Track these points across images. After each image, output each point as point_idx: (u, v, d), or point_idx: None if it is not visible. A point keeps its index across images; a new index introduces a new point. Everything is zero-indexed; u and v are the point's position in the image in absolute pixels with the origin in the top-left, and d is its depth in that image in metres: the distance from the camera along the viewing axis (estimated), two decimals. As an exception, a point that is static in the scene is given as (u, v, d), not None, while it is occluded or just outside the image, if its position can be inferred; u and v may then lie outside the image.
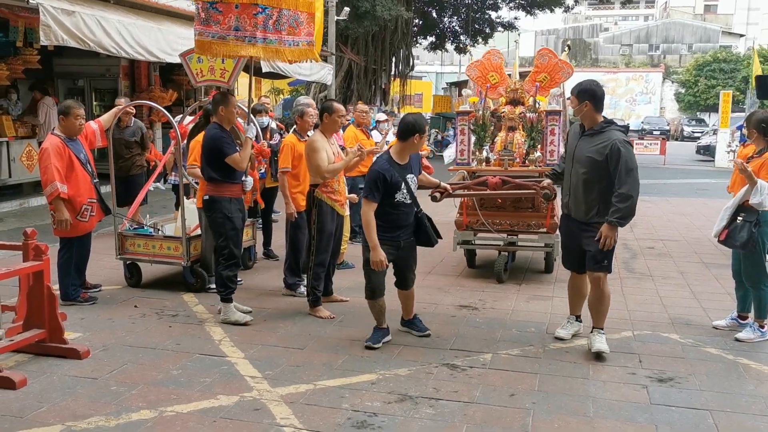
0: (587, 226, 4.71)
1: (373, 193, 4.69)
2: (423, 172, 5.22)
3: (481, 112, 6.89)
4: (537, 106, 6.87)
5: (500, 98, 7.25)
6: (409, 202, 4.84)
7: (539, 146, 6.71)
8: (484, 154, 6.93)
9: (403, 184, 4.76)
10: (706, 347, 5.01)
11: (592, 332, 4.87)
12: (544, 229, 6.79)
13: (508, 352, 4.84)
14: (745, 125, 5.50)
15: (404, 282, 5.11)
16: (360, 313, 5.61)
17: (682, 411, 3.90)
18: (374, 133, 10.66)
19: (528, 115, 6.78)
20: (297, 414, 3.80)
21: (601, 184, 4.59)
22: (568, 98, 4.79)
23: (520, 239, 7.14)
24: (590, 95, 4.64)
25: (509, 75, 7.60)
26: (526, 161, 6.75)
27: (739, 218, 5.10)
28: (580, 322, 5.18)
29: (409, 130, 4.79)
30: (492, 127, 7.08)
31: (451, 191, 5.45)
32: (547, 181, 5.31)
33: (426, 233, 4.99)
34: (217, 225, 5.46)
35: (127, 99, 8.63)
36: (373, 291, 4.92)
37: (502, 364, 4.61)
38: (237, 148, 5.41)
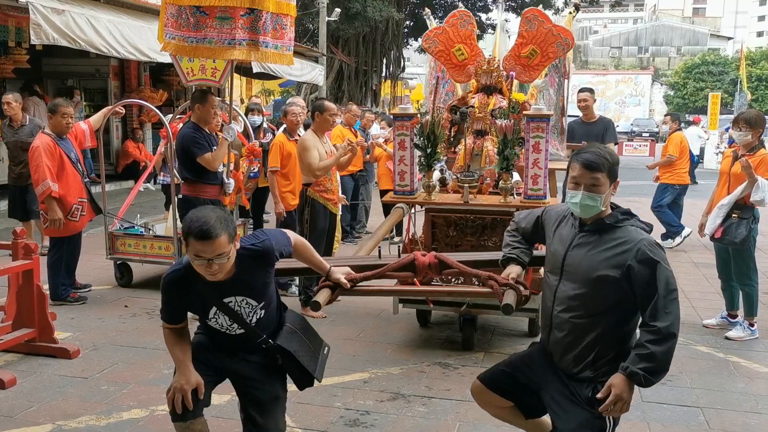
0: (576, 381, 2.73)
1: (163, 309, 2.85)
2: (299, 249, 3.02)
3: (429, 117, 4.64)
4: (513, 105, 4.81)
5: (470, 82, 5.18)
6: (237, 333, 2.83)
7: (517, 161, 4.59)
8: (437, 174, 4.79)
9: (215, 308, 2.76)
10: (697, 345, 5.04)
11: None
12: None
13: (501, 350, 4.84)
14: (743, 126, 5.09)
15: None
16: (352, 313, 5.61)
17: (673, 408, 3.92)
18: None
19: (500, 122, 4.54)
20: (289, 413, 3.76)
21: (609, 316, 2.67)
22: (593, 179, 2.67)
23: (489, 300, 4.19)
24: (617, 168, 2.73)
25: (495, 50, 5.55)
26: (498, 188, 4.64)
27: (733, 215, 5.11)
28: None
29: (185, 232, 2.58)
30: (453, 128, 5.05)
31: (347, 286, 3.07)
32: (513, 272, 2.97)
33: (290, 371, 2.96)
34: None
35: (17, 95, 7.92)
36: (174, 414, 2.75)
37: (495, 362, 4.56)
38: (213, 147, 5.38)
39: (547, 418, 2.89)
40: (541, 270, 3.32)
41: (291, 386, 4.05)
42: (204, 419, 2.82)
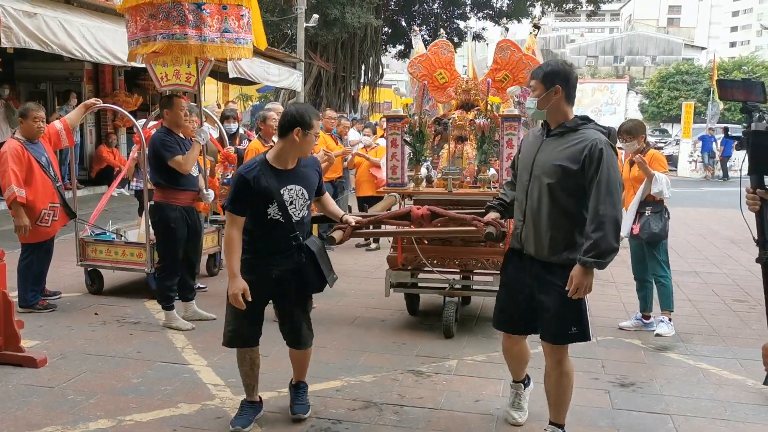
0: (549, 269, 3.25)
1: (234, 203, 3.44)
2: (324, 197, 3.93)
3: (416, 117, 5.33)
4: (490, 108, 5.32)
5: (450, 101, 5.92)
6: (282, 221, 3.50)
7: (494, 161, 5.36)
8: (424, 171, 5.47)
9: (277, 196, 3.45)
10: (667, 352, 5.09)
11: (546, 431, 3.47)
12: None
13: (474, 358, 4.84)
14: (627, 137, 5.43)
15: (292, 336, 3.72)
16: (326, 320, 5.58)
17: (643, 415, 3.94)
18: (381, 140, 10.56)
19: (478, 121, 5.24)
20: (259, 421, 3.74)
21: (575, 204, 3.19)
22: (530, 86, 3.35)
23: (474, 281, 5.63)
24: (562, 78, 3.24)
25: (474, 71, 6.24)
26: (477, 181, 5.31)
27: (646, 212, 5.40)
28: (530, 385, 3.86)
29: (288, 123, 3.46)
30: (437, 137, 5.80)
31: (356, 226, 4.04)
32: (492, 215, 3.74)
33: (303, 271, 3.60)
34: (158, 233, 5.42)
35: None
36: (230, 336, 3.63)
37: (467, 370, 4.61)
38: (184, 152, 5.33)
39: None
40: None
41: (267, 392, 4.04)
42: (258, 350, 3.69)
